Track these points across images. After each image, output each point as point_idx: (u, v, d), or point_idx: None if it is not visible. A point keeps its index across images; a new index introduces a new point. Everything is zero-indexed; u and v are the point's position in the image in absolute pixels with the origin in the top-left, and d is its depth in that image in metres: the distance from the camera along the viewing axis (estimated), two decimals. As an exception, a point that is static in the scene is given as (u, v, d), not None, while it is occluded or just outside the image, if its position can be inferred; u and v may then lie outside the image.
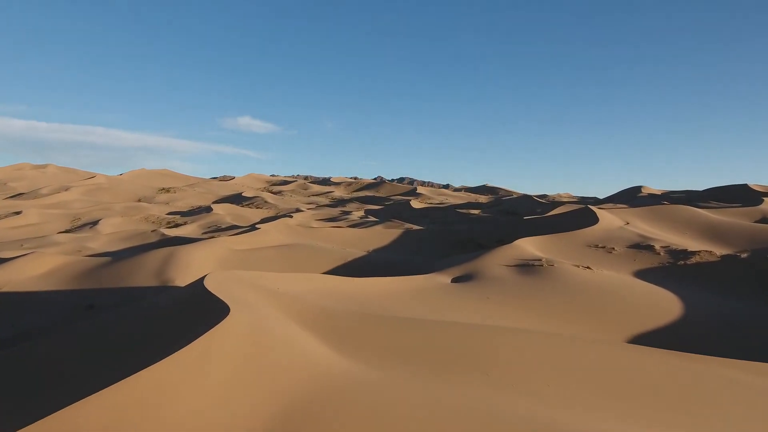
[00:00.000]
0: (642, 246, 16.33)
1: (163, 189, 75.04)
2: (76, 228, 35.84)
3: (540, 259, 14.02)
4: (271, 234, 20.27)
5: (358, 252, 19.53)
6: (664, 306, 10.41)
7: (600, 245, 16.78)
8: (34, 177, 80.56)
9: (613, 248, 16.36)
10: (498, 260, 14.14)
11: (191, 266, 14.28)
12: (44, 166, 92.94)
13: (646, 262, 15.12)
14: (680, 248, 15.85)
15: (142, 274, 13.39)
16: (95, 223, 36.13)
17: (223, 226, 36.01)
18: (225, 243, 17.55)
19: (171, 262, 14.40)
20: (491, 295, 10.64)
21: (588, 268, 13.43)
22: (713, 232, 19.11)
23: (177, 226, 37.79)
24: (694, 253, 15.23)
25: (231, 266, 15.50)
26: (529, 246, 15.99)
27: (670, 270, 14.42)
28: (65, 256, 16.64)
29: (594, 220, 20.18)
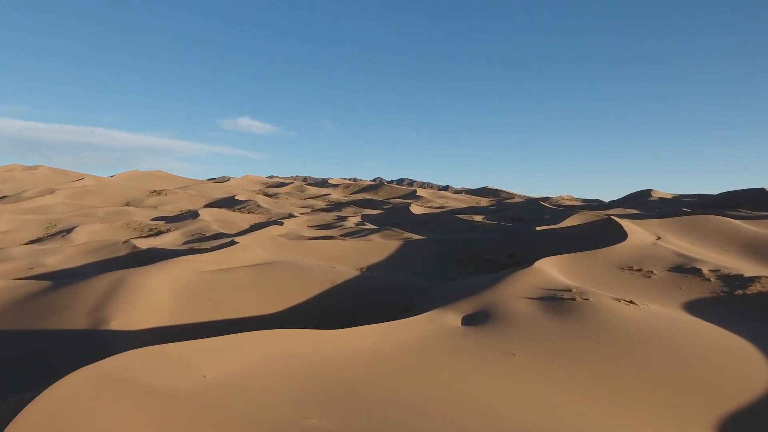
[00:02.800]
0: (686, 269, 13.70)
1: (154, 191, 72.37)
2: (47, 237, 33.19)
3: (570, 289, 11.39)
4: (251, 250, 17.64)
5: (349, 270, 16.90)
6: (755, 366, 7.78)
7: (635, 267, 14.15)
8: (23, 179, 77.92)
9: (652, 272, 13.73)
10: (517, 290, 11.51)
11: (141, 298, 11.65)
12: (35, 168, 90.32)
13: (695, 290, 12.48)
14: (733, 272, 13.22)
15: (75, 310, 10.77)
16: (70, 230, 33.48)
17: (208, 234, 33.36)
18: (192, 263, 14.91)
19: (117, 292, 11.77)
20: (517, 351, 8.00)
21: (631, 302, 10.79)
22: (761, 250, 16.49)
23: (159, 233, 35.17)
24: (753, 279, 12.59)
25: (194, 295, 12.85)
26: (551, 269, 13.35)
27: (727, 302, 11.79)
28: None
29: (621, 234, 17.54)
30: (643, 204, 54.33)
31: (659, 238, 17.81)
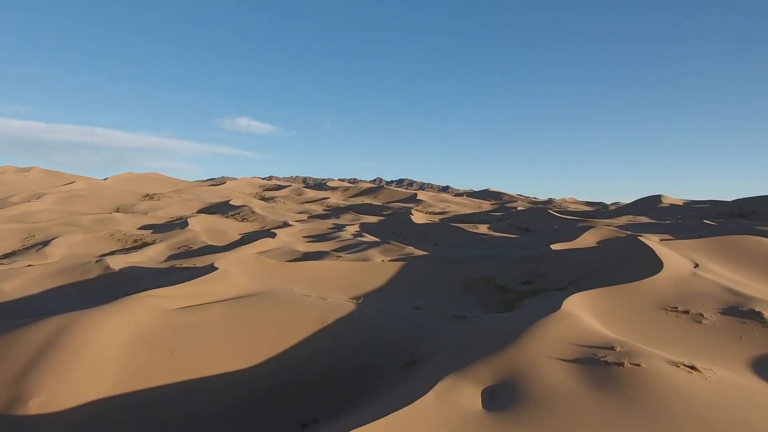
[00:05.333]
0: (742, 312, 11.52)
1: (147, 195, 70.14)
2: (23, 249, 30.98)
3: (613, 347, 9.20)
4: (231, 278, 15.46)
5: (343, 302, 14.72)
6: None
7: (680, 308, 11.95)
8: (14, 181, 75.64)
9: (702, 315, 11.54)
10: (548, 347, 9.32)
11: (83, 358, 9.48)
12: (28, 170, 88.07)
13: (762, 342, 10.30)
14: (801, 317, 11.03)
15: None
16: (47, 243, 31.28)
17: (195, 247, 31.17)
18: (158, 300, 12.72)
19: (54, 348, 9.61)
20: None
21: (693, 368, 8.61)
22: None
23: (144, 245, 32.98)
24: (830, 329, 10.41)
25: (154, 345, 10.65)
26: (583, 312, 11.16)
27: (804, 360, 9.60)
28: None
29: (653, 261, 15.35)
30: (654, 211, 52.08)
31: (697, 265, 15.62)
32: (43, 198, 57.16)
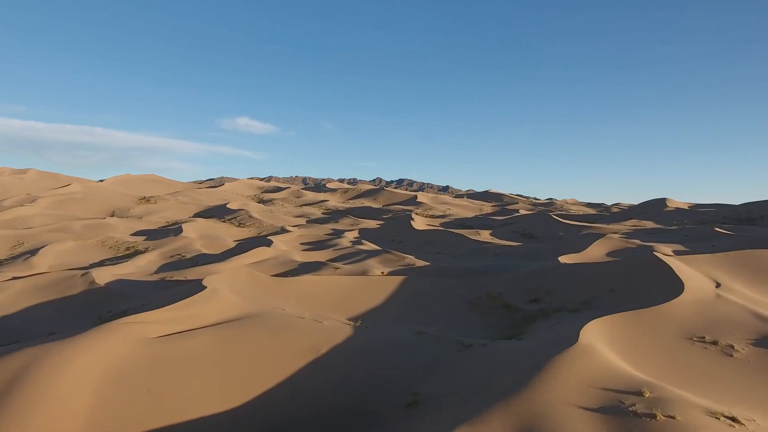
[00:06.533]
0: (777, 343, 10.51)
1: (144, 198, 69.07)
2: (10, 258, 29.93)
3: (641, 392, 8.18)
4: (219, 298, 14.44)
5: (339, 325, 13.71)
6: None
7: (708, 339, 10.95)
8: (9, 184, 74.54)
9: (732, 347, 10.54)
10: (567, 392, 8.30)
11: (50, 398, 8.46)
12: (24, 171, 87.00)
13: (802, 381, 9.28)
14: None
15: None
16: (35, 252, 30.24)
17: (188, 256, 30.13)
18: (139, 328, 11.69)
19: (12, 394, 8.58)
20: None
21: (734, 420, 7.59)
22: None
23: (136, 253, 31.94)
24: None
25: (129, 384, 9.63)
26: (603, 346, 10.14)
27: None
28: None
29: (673, 281, 14.34)
30: (659, 215, 50.99)
31: (719, 285, 14.62)
32: (37, 202, 56.06)
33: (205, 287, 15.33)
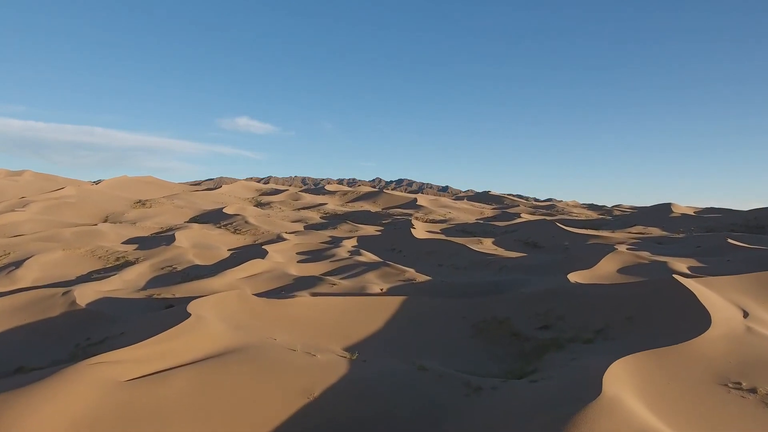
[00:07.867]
0: (824, 392, 9.35)
1: (139, 202, 67.85)
2: (-7, 271, 28.71)
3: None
4: (204, 328, 13.29)
5: (332, 362, 12.56)
6: None
7: (744, 385, 9.80)
8: (4, 186, 73.23)
9: (774, 396, 9.37)
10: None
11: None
12: (19, 173, 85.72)
13: None
14: None
15: None
16: (20, 264, 29.06)
17: (180, 268, 28.95)
18: (111, 370, 10.54)
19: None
20: None
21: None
22: None
23: (126, 265, 30.75)
24: None
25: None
26: (630, 397, 8.99)
27: None
28: None
29: (696, 310, 13.19)
30: (664, 222, 49.87)
31: (747, 314, 13.47)
32: (29, 207, 54.79)
33: (189, 315, 14.17)
